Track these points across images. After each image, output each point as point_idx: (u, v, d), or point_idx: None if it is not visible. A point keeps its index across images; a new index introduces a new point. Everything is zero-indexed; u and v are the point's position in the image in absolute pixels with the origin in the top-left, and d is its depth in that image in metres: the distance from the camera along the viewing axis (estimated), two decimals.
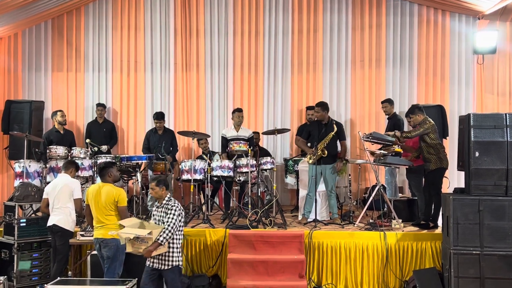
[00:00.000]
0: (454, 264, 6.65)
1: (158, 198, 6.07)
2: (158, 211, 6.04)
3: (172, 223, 5.83)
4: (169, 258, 5.93)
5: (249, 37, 10.89)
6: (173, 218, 5.86)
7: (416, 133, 7.73)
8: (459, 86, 10.57)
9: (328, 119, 8.56)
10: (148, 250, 5.73)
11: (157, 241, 5.73)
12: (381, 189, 8.14)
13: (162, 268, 5.94)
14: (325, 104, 8.65)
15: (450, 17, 10.60)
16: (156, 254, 5.82)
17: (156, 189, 6.01)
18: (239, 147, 8.61)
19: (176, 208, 5.91)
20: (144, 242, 5.72)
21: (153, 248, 5.74)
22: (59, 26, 10.86)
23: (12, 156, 9.39)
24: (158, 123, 9.45)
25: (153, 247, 5.73)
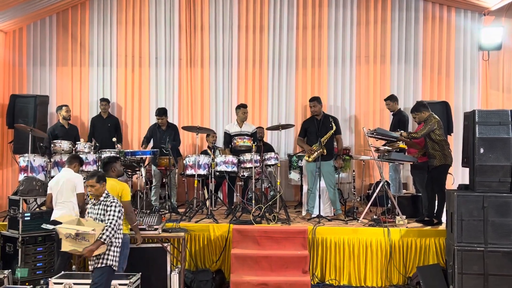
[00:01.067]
0: (458, 261, 6.65)
1: (97, 195, 5.64)
2: (94, 209, 5.65)
3: (115, 220, 5.51)
4: (104, 256, 5.54)
5: (253, 32, 10.88)
6: (114, 215, 5.54)
7: (422, 133, 7.69)
8: (464, 82, 10.54)
9: (322, 113, 8.57)
10: (89, 249, 5.34)
11: (99, 240, 5.37)
12: (385, 185, 8.13)
13: (94, 267, 5.58)
14: (319, 97, 8.71)
15: (455, 13, 10.56)
16: (97, 254, 5.43)
17: (96, 186, 5.58)
18: (243, 143, 8.61)
19: (116, 204, 5.60)
20: (84, 240, 5.32)
21: (95, 247, 5.36)
22: (64, 20, 10.86)
23: (17, 150, 9.40)
24: (159, 119, 9.42)
25: (95, 246, 5.36)
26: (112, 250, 5.57)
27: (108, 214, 5.53)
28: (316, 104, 8.54)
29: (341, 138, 8.77)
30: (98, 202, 5.64)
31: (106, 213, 5.54)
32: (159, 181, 9.35)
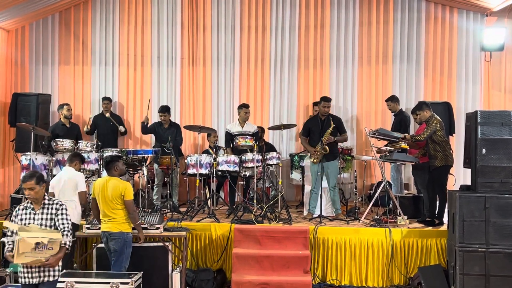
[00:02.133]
0: (460, 261, 6.65)
1: (37, 198, 4.94)
2: (37, 214, 4.94)
3: (69, 224, 5.01)
4: (56, 268, 4.98)
5: (256, 32, 10.87)
6: (67, 218, 5.01)
7: (426, 135, 7.67)
8: (466, 83, 10.53)
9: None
10: (58, 257, 4.83)
11: (64, 246, 4.88)
12: (387, 186, 8.13)
13: (42, 280, 4.95)
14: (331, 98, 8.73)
15: (457, 13, 10.55)
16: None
17: (36, 188, 4.89)
18: (245, 142, 8.61)
19: (65, 207, 5.05)
20: (47, 249, 4.76)
21: (62, 255, 4.88)
22: (67, 19, 10.87)
23: (19, 148, 9.41)
24: (162, 116, 9.43)
25: (62, 253, 4.86)
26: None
27: (61, 218, 4.96)
28: (330, 105, 8.55)
29: (346, 136, 8.73)
30: (41, 206, 4.95)
31: (57, 217, 4.95)
32: (161, 180, 9.37)
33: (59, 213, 4.97)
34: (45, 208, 4.96)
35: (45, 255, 4.76)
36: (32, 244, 4.68)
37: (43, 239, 4.72)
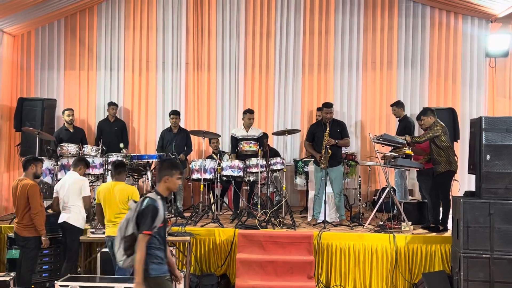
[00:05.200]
0: (464, 268, 6.64)
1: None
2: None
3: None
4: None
5: (260, 38, 10.89)
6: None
7: (426, 138, 7.70)
8: (471, 89, 10.51)
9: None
10: None
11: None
12: (391, 191, 8.12)
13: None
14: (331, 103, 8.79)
15: (462, 19, 10.54)
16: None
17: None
18: (249, 147, 8.63)
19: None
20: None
21: None
22: (72, 25, 10.92)
23: (24, 153, 9.43)
24: (174, 118, 9.47)
25: None
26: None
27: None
28: (331, 111, 8.59)
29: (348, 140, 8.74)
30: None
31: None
32: None
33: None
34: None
35: None
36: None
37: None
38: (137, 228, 4.44)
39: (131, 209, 4.56)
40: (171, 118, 9.52)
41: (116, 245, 4.55)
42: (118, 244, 4.51)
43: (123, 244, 4.48)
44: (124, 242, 4.49)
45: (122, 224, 4.55)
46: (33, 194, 6.68)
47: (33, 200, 6.68)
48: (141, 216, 4.44)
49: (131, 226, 4.46)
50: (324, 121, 8.50)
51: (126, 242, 4.48)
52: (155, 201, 4.51)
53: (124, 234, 4.48)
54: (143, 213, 4.44)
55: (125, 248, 4.48)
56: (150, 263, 4.45)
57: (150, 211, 4.43)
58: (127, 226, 4.50)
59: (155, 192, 4.61)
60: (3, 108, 10.11)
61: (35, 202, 6.69)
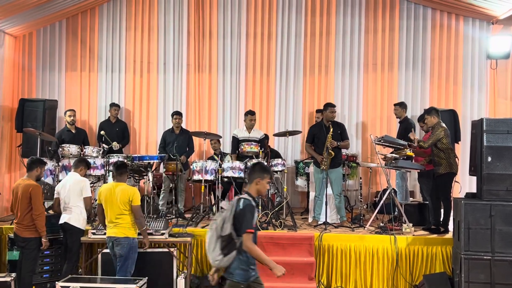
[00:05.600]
0: (465, 269, 6.62)
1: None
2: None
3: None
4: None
5: (261, 39, 10.91)
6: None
7: (430, 142, 7.66)
8: (472, 90, 10.53)
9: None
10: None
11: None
12: (392, 193, 8.12)
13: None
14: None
15: (463, 21, 10.56)
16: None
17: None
18: (250, 149, 8.63)
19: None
20: None
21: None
22: (74, 26, 10.93)
23: (25, 154, 9.44)
24: (178, 118, 9.48)
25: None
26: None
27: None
28: (335, 110, 8.59)
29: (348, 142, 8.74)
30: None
31: None
32: (168, 186, 9.37)
33: None
34: None
35: None
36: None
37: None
38: (234, 228, 4.55)
39: (225, 209, 4.72)
40: (174, 118, 9.52)
41: (210, 245, 4.66)
42: (213, 244, 4.62)
43: (220, 244, 4.59)
44: (221, 242, 4.60)
45: (217, 223, 4.66)
46: (36, 195, 6.69)
47: (36, 201, 6.69)
48: (240, 216, 4.57)
49: (228, 226, 4.57)
50: (325, 123, 8.49)
51: (223, 241, 4.59)
52: (250, 201, 4.66)
53: (221, 233, 4.60)
54: (241, 213, 4.56)
55: (222, 247, 4.58)
56: (237, 268, 4.58)
57: (248, 210, 4.58)
58: (223, 226, 4.61)
59: (247, 193, 4.75)
60: (4, 109, 10.12)
61: (38, 203, 6.71)
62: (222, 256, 4.57)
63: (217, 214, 4.86)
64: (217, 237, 4.61)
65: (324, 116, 8.60)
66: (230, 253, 4.55)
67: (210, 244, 4.65)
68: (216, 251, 4.59)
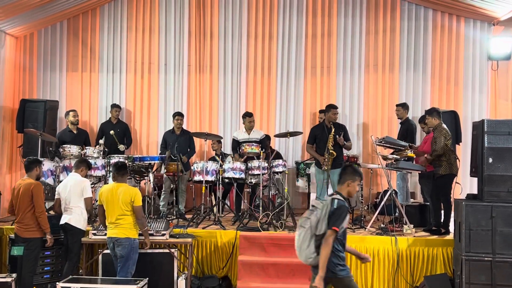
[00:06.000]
0: (466, 271, 6.62)
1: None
2: None
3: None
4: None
5: (263, 40, 10.92)
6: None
7: (441, 145, 7.55)
8: (473, 92, 10.52)
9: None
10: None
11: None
12: (393, 194, 8.12)
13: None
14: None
15: (464, 22, 10.56)
16: None
17: None
18: (251, 149, 8.62)
19: None
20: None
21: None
22: (75, 26, 10.95)
23: (26, 154, 9.43)
24: (180, 119, 9.47)
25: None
26: None
27: None
28: (338, 112, 8.61)
29: (350, 143, 8.74)
30: None
31: None
32: (169, 186, 9.36)
33: None
34: None
35: None
36: None
37: None
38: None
39: (318, 209, 4.84)
40: (176, 119, 9.51)
41: (302, 243, 4.81)
42: (307, 242, 4.77)
43: (315, 242, 4.75)
44: (316, 240, 4.75)
45: (311, 222, 4.80)
46: (37, 193, 6.71)
47: (38, 199, 6.70)
48: (333, 215, 4.73)
49: (324, 225, 4.74)
50: (327, 123, 8.49)
51: (318, 240, 4.74)
52: (344, 202, 4.83)
53: (316, 232, 4.75)
54: (335, 212, 4.73)
55: (317, 246, 4.74)
56: (337, 265, 4.75)
57: (342, 210, 4.76)
58: (317, 224, 4.76)
59: (339, 194, 4.89)
60: (5, 109, 10.13)
61: (40, 201, 6.73)
62: (316, 254, 4.74)
63: (307, 212, 4.97)
64: (311, 236, 4.76)
65: (326, 117, 8.60)
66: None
67: (303, 242, 4.81)
68: (310, 249, 4.76)
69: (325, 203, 4.85)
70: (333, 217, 4.70)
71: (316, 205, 4.90)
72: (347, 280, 4.85)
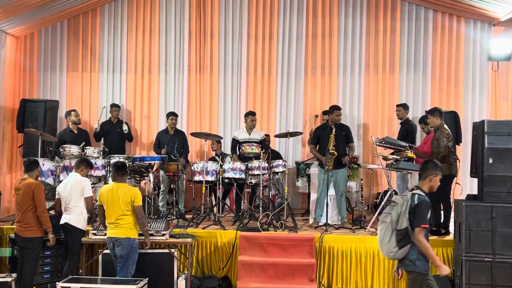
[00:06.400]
0: (466, 271, 6.62)
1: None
2: None
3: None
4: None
5: (263, 40, 10.91)
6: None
7: (444, 145, 7.55)
8: (473, 92, 10.51)
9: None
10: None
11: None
12: (393, 195, 8.11)
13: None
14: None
15: (465, 23, 10.55)
16: None
17: None
18: (251, 149, 8.62)
19: None
20: None
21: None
22: (75, 26, 10.95)
23: (26, 154, 9.44)
24: (174, 119, 9.47)
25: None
26: None
27: None
28: (341, 113, 8.61)
29: (353, 146, 8.75)
30: None
31: None
32: (167, 186, 9.37)
33: None
34: None
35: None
36: None
37: None
38: (409, 223, 4.83)
39: (398, 204, 4.94)
40: (170, 119, 9.50)
41: (384, 237, 4.94)
42: (388, 237, 4.89)
43: (396, 237, 4.87)
44: (397, 235, 4.88)
45: (392, 217, 4.93)
46: (38, 192, 6.72)
47: (39, 198, 6.71)
48: (415, 211, 4.83)
49: (405, 220, 4.86)
50: (330, 124, 8.49)
51: (399, 235, 4.87)
52: (425, 197, 4.92)
53: (397, 227, 4.87)
54: (418, 208, 4.82)
55: (398, 240, 4.87)
56: (418, 259, 4.84)
57: (425, 206, 4.84)
58: (398, 219, 4.88)
59: (419, 189, 4.98)
60: (5, 109, 10.14)
61: (41, 200, 6.73)
62: (397, 249, 4.87)
63: (388, 208, 5.07)
64: (392, 230, 4.87)
65: (330, 118, 8.60)
66: (406, 246, 4.83)
67: (384, 237, 4.94)
68: (392, 244, 4.87)
69: (405, 198, 4.93)
70: (417, 214, 4.79)
71: (396, 201, 5.00)
72: (425, 277, 4.92)
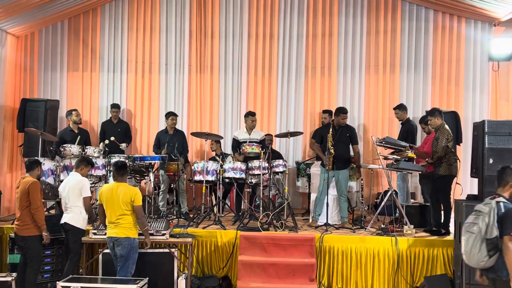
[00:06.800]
0: (466, 271, 6.61)
1: None
2: None
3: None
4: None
5: (263, 40, 10.91)
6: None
7: (442, 146, 7.56)
8: (474, 92, 10.51)
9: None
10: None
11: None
12: (393, 195, 8.11)
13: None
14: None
15: (465, 23, 10.54)
16: None
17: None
18: (251, 149, 8.61)
19: None
20: None
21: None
22: (75, 26, 10.95)
23: (27, 154, 9.46)
24: (174, 119, 9.46)
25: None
26: None
27: None
28: (347, 117, 8.63)
29: (358, 149, 8.75)
30: None
31: None
32: (167, 186, 9.37)
33: None
34: None
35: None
36: None
37: None
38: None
39: (484, 213, 4.91)
40: (170, 119, 9.49)
41: (472, 248, 4.90)
42: (478, 247, 4.86)
43: (487, 246, 4.83)
44: (488, 244, 4.83)
45: (480, 227, 4.88)
46: (34, 190, 6.71)
47: (34, 195, 6.70)
48: (503, 219, 4.79)
49: (494, 229, 4.81)
50: (335, 126, 8.48)
51: (490, 244, 4.83)
52: (510, 204, 4.87)
53: (486, 236, 4.84)
54: (505, 216, 4.78)
55: (489, 249, 4.83)
56: (504, 268, 4.77)
57: (511, 214, 4.79)
58: (487, 229, 4.85)
59: (502, 197, 4.95)
60: (6, 109, 10.14)
61: (35, 197, 6.71)
62: (488, 258, 4.84)
63: (471, 217, 5.04)
64: (481, 240, 4.84)
65: (335, 120, 8.59)
66: (495, 254, 4.82)
67: (473, 247, 4.91)
68: (482, 253, 4.85)
69: (490, 207, 4.89)
70: (505, 223, 4.76)
71: (481, 210, 4.96)
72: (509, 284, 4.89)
